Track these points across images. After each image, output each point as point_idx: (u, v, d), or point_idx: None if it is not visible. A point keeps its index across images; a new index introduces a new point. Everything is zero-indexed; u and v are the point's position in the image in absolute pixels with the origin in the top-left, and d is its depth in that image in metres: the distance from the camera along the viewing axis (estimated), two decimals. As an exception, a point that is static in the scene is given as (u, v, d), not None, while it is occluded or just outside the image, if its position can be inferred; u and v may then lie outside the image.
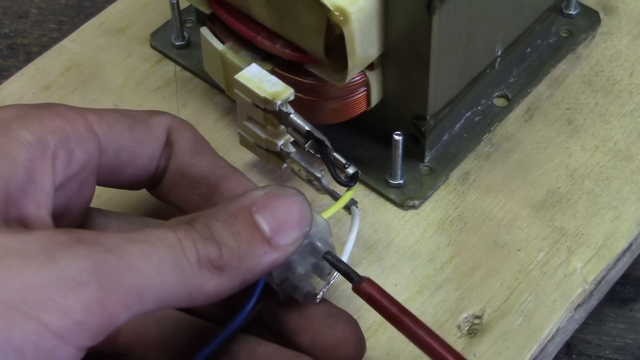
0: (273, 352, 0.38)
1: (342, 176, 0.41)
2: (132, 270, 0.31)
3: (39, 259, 0.30)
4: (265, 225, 0.35)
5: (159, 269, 0.32)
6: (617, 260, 0.45)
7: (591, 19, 0.54)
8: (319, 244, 0.38)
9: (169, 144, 0.40)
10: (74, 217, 0.38)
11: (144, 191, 0.42)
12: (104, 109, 0.38)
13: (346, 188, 0.41)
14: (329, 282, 0.39)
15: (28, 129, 0.34)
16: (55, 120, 0.35)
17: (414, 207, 0.47)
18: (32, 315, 0.29)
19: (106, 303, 0.30)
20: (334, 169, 0.41)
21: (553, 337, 0.43)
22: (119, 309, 0.31)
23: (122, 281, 0.31)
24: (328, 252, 0.38)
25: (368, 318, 0.43)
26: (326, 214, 0.39)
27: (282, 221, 0.35)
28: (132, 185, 0.40)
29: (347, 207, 0.42)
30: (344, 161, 0.41)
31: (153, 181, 0.41)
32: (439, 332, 0.41)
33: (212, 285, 0.33)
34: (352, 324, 0.39)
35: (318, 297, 0.39)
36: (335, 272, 0.38)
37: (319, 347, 0.38)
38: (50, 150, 0.34)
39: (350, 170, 0.41)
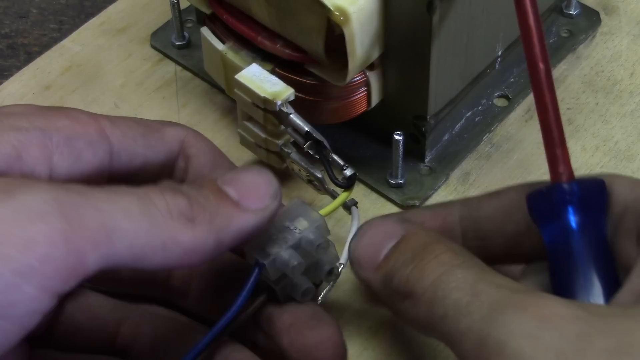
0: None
1: (340, 178, 0.41)
2: (96, 209, 0.30)
3: None
4: (232, 192, 0.35)
5: (126, 212, 0.31)
6: (618, 260, 0.45)
7: (591, 19, 0.54)
8: (312, 236, 0.38)
9: (185, 157, 0.39)
10: None
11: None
12: (117, 116, 0.38)
13: (344, 189, 0.41)
14: (331, 283, 0.39)
15: (29, 120, 0.34)
16: (63, 119, 0.35)
17: (414, 207, 0.47)
18: None
19: (71, 237, 0.29)
20: (332, 170, 0.41)
21: (553, 337, 0.43)
22: (86, 246, 0.29)
23: (87, 217, 0.29)
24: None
25: (369, 318, 0.43)
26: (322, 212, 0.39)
27: (248, 188, 0.35)
28: None
29: (348, 207, 0.42)
30: (342, 163, 0.41)
31: None
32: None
33: (186, 237, 0.32)
34: (333, 327, 0.38)
35: (319, 298, 0.39)
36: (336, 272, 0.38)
37: (296, 348, 0.37)
38: (50, 142, 0.34)
39: (348, 172, 0.41)
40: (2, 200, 0.29)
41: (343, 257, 0.39)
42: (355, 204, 0.42)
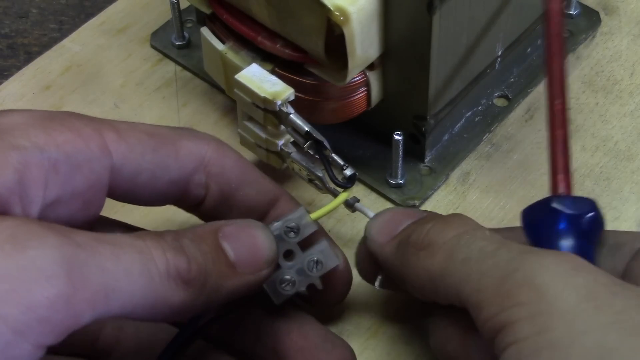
0: None
1: (340, 177, 0.41)
2: (101, 269, 0.30)
3: (5, 248, 0.29)
4: (230, 251, 0.35)
5: (128, 272, 0.31)
6: (618, 260, 0.45)
7: (591, 19, 0.54)
8: (302, 223, 0.38)
9: (207, 174, 0.38)
10: None
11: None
12: (131, 123, 0.37)
13: (344, 188, 0.41)
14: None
15: (29, 136, 0.33)
16: (65, 133, 0.34)
17: (414, 207, 0.47)
18: None
19: (72, 300, 0.29)
20: (332, 169, 0.41)
21: (553, 337, 0.43)
22: (84, 308, 0.29)
23: (91, 279, 0.30)
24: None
25: (369, 319, 0.43)
26: (317, 214, 0.39)
27: (247, 250, 0.35)
28: (151, 204, 0.39)
29: (351, 205, 0.41)
30: (342, 162, 0.41)
31: (183, 205, 0.39)
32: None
33: (177, 298, 0.32)
34: (349, 350, 0.39)
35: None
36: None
37: None
38: (48, 161, 0.33)
39: (348, 172, 0.41)
40: (10, 254, 0.29)
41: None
42: (357, 201, 0.42)
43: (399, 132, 0.44)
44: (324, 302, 0.41)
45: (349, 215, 0.44)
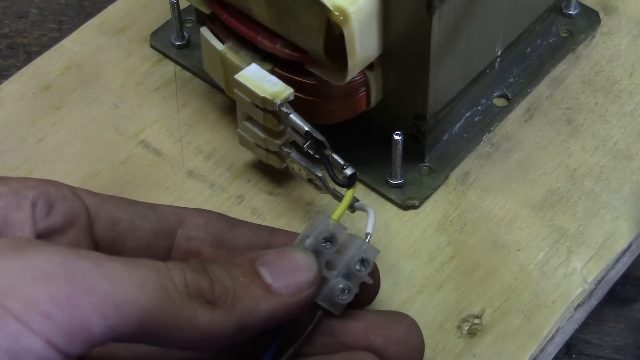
0: None
1: (340, 177, 0.41)
2: (107, 279, 0.30)
3: (4, 251, 0.29)
4: (266, 275, 0.34)
5: (141, 286, 0.30)
6: (617, 260, 0.45)
7: (591, 19, 0.54)
8: (334, 231, 0.37)
9: (194, 226, 0.38)
10: None
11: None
12: (104, 194, 0.38)
13: (345, 188, 0.41)
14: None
15: (6, 184, 0.34)
16: (36, 180, 0.35)
17: (414, 207, 0.47)
18: None
19: (75, 301, 0.29)
20: (332, 169, 0.41)
21: (553, 337, 0.43)
22: (92, 313, 0.29)
23: (95, 285, 0.29)
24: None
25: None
26: (336, 216, 0.39)
27: (284, 272, 0.35)
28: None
29: (350, 206, 0.41)
30: (342, 162, 0.41)
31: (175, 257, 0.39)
32: (438, 332, 0.42)
33: (203, 319, 0.32)
34: (409, 317, 0.39)
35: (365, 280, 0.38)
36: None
37: (393, 341, 0.37)
38: (27, 200, 0.34)
39: (349, 171, 0.41)
40: (10, 256, 0.29)
41: (370, 227, 0.39)
42: (357, 200, 0.42)
43: (398, 132, 0.44)
44: (359, 303, 0.40)
45: (348, 215, 0.44)
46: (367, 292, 0.39)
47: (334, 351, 0.37)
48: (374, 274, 0.39)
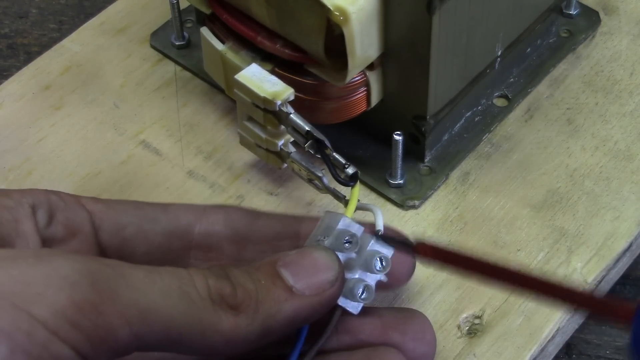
0: None
1: (342, 176, 0.41)
2: (130, 287, 0.30)
3: (28, 260, 0.29)
4: (288, 276, 0.34)
5: (164, 294, 0.30)
6: (617, 260, 0.45)
7: (591, 19, 0.54)
8: (353, 230, 0.37)
9: (213, 221, 0.38)
10: None
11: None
12: (112, 199, 0.38)
13: (348, 187, 0.41)
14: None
15: (9, 196, 0.35)
16: (38, 191, 0.36)
17: (414, 207, 0.47)
18: (20, 307, 0.28)
19: (100, 309, 0.29)
20: (334, 168, 0.41)
21: (553, 337, 0.43)
22: (117, 320, 0.29)
23: (120, 293, 0.29)
24: (379, 232, 0.38)
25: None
26: (349, 214, 0.39)
27: (306, 272, 0.34)
28: (161, 262, 0.37)
29: None
30: (343, 161, 0.41)
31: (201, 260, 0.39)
32: (439, 332, 0.42)
33: (227, 325, 0.32)
34: (422, 313, 0.39)
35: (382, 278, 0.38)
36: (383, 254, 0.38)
37: (410, 336, 0.38)
38: (28, 209, 0.35)
39: (350, 170, 0.41)
40: (35, 265, 0.29)
41: (380, 224, 0.39)
42: (357, 200, 0.41)
43: (398, 132, 0.44)
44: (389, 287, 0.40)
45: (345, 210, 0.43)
46: (403, 271, 0.40)
47: (352, 348, 0.37)
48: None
